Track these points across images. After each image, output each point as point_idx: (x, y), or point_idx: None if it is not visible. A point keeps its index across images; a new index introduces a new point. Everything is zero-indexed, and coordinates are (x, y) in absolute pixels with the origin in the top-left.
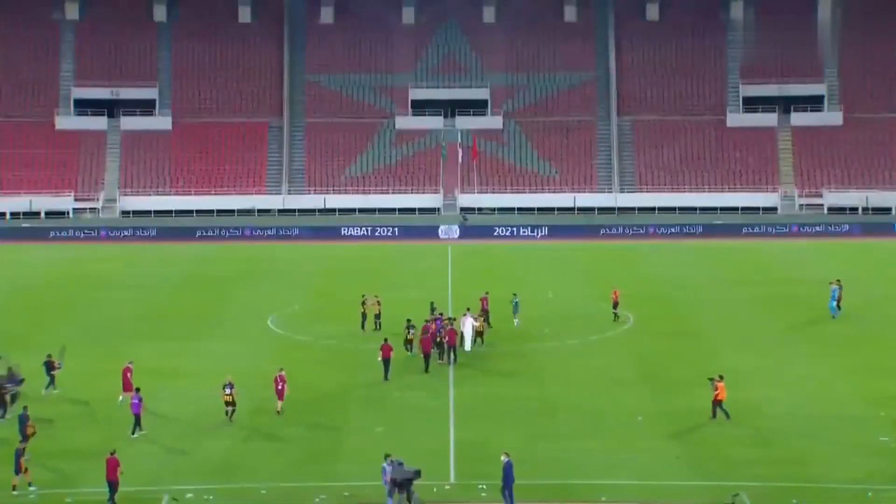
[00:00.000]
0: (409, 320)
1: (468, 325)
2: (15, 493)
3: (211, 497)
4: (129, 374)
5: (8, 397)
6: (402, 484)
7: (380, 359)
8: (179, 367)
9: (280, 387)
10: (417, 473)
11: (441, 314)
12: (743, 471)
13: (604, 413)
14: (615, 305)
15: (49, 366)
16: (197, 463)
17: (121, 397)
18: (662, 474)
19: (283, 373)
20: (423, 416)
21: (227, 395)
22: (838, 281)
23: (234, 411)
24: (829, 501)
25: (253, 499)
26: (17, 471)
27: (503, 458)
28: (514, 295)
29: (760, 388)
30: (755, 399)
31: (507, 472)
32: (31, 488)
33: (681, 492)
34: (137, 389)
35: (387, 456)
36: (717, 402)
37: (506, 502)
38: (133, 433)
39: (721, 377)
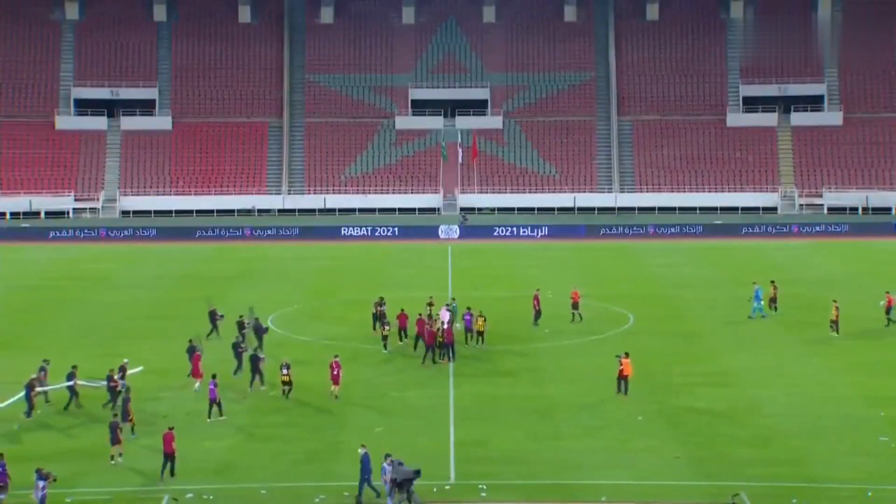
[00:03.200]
0: (385, 316)
1: (445, 319)
2: (112, 462)
3: (211, 497)
4: (199, 362)
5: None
6: (402, 484)
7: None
8: (180, 367)
9: (336, 372)
10: (417, 473)
11: (468, 308)
12: (743, 471)
13: (604, 413)
14: (575, 306)
15: (240, 325)
16: (197, 463)
17: (197, 385)
18: (662, 474)
19: (338, 358)
20: (423, 416)
21: (283, 375)
22: (772, 282)
23: (290, 390)
24: (829, 501)
25: (253, 499)
26: (115, 441)
27: (360, 450)
28: (453, 300)
29: (760, 388)
30: (755, 399)
31: (365, 464)
32: (119, 459)
33: (681, 492)
34: (214, 376)
35: (387, 456)
36: (622, 378)
37: (361, 490)
38: (209, 417)
39: (626, 354)
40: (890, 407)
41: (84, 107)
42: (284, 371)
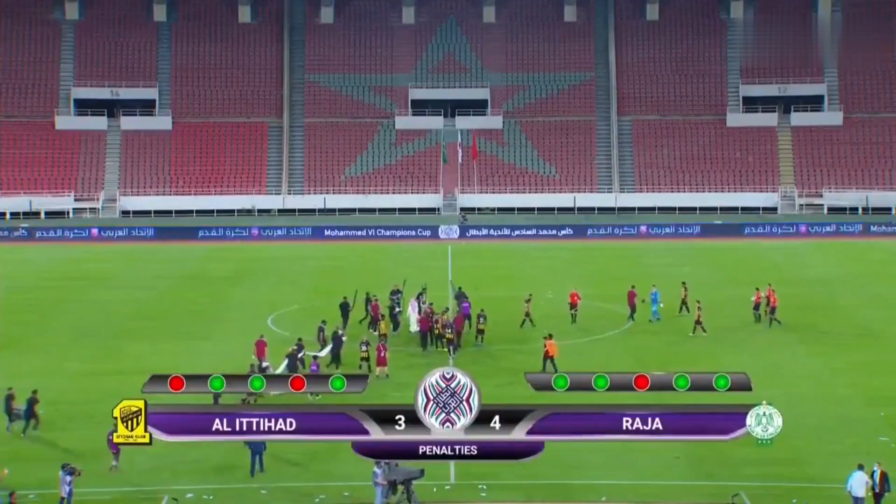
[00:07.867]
0: (382, 315)
1: (415, 309)
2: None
3: (211, 497)
4: (264, 347)
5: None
6: (404, 483)
7: (417, 329)
8: (179, 367)
9: (383, 354)
10: (421, 472)
11: (464, 295)
12: (743, 471)
13: None
14: (573, 307)
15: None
16: (197, 463)
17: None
18: (662, 474)
19: (381, 343)
20: None
21: (363, 352)
22: (683, 283)
23: (366, 366)
24: (829, 501)
25: (253, 499)
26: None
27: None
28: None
29: (760, 388)
30: (754, 399)
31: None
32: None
33: (681, 492)
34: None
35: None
36: (547, 357)
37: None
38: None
39: (550, 335)
40: (890, 407)
41: (84, 107)
42: (363, 348)
